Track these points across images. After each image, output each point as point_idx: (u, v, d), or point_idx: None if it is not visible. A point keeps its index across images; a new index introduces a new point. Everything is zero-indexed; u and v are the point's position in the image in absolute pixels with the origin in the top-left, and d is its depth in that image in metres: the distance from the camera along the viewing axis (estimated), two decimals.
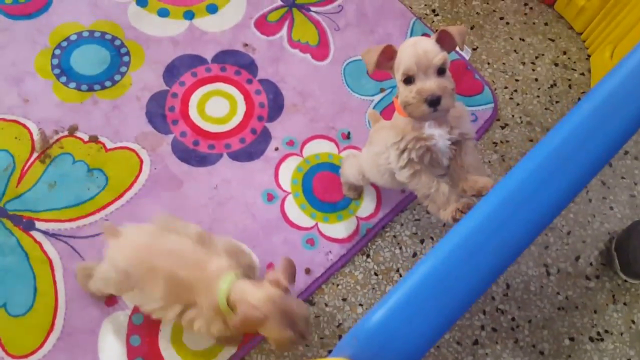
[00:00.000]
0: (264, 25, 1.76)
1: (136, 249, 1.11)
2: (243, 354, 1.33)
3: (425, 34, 1.78)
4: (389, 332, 0.57)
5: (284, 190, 1.51)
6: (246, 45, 1.71)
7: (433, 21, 1.86)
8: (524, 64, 1.81)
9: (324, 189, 1.51)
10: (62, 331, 1.31)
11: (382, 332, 0.56)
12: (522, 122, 1.70)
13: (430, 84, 0.97)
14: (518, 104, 1.73)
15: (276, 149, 1.57)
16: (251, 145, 1.56)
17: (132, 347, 1.30)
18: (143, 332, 1.32)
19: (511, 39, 1.86)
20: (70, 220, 1.42)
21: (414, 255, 1.48)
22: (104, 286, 1.19)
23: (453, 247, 0.68)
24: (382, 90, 1.67)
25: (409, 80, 0.99)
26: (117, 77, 1.61)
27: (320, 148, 1.57)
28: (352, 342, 0.64)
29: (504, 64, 1.81)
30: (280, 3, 1.81)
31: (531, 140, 1.67)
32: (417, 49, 0.97)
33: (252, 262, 1.16)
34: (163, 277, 1.07)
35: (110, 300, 1.34)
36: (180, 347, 1.31)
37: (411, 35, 1.79)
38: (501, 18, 1.91)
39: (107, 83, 1.60)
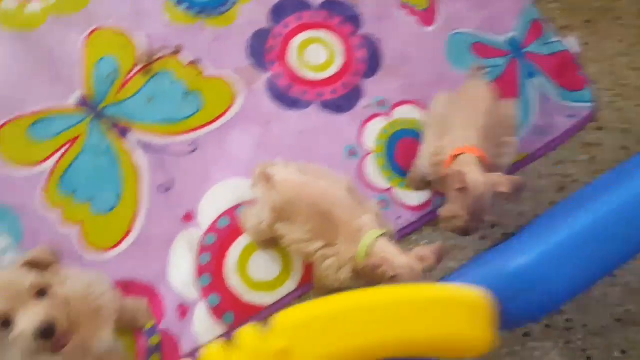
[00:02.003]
0: None
1: (296, 185, 1.18)
2: (301, 294, 1.38)
3: (534, 21, 1.73)
4: (539, 273, 0.59)
5: (366, 149, 1.52)
6: None
7: (549, 8, 1.79)
8: (633, 69, 1.74)
9: (405, 155, 1.51)
10: (138, 236, 1.37)
11: (533, 272, 0.58)
12: (619, 128, 1.64)
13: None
14: (619, 109, 1.67)
15: (366, 106, 1.57)
16: (342, 98, 1.57)
17: (201, 264, 1.36)
18: (213, 252, 1.37)
19: (624, 41, 1.78)
20: (161, 135, 1.48)
21: (483, 238, 1.48)
22: (255, 229, 1.26)
23: (613, 208, 0.69)
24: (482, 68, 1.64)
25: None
26: (226, 7, 1.64)
27: (410, 114, 1.57)
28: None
29: (611, 65, 1.74)
30: None
31: (625, 149, 1.61)
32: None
33: (392, 230, 1.19)
34: (318, 213, 1.13)
35: (187, 217, 1.40)
36: (244, 274, 1.37)
37: (521, 19, 1.74)
38: (618, 18, 1.82)
39: (216, 11, 1.63)
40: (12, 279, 0.87)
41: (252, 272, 1.37)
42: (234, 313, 1.34)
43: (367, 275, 1.10)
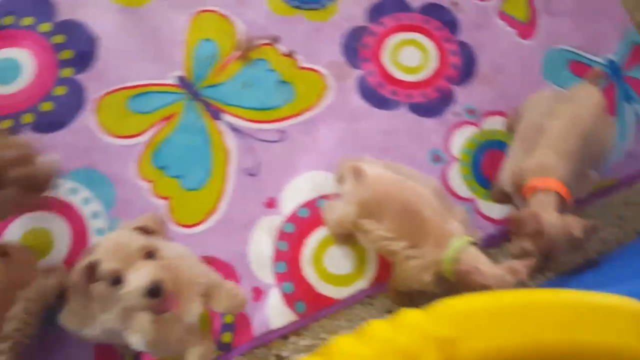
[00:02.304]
0: None
1: (387, 182, 1.20)
2: (372, 293, 1.38)
3: (636, 45, 1.67)
4: None
5: (452, 156, 1.51)
6: (455, 4, 1.70)
7: None
8: None
9: (492, 166, 1.49)
10: (223, 216, 1.41)
11: None
12: None
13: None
14: None
15: (455, 113, 1.56)
16: (431, 102, 1.57)
17: (279, 250, 1.38)
18: (291, 241, 1.39)
19: None
20: (252, 121, 1.51)
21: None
22: (338, 222, 1.28)
23: None
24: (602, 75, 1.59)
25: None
26: (325, 2, 1.66)
27: (499, 125, 1.55)
28: None
29: None
30: None
31: None
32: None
33: (479, 239, 1.19)
34: (408, 212, 1.14)
35: (269, 203, 1.42)
36: (318, 265, 1.38)
37: (623, 42, 1.68)
38: None
39: (316, 5, 1.65)
40: (124, 240, 0.93)
41: (327, 265, 1.39)
42: (306, 303, 1.35)
43: (451, 281, 1.09)
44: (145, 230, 1.00)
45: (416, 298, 1.31)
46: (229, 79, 1.55)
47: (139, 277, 0.89)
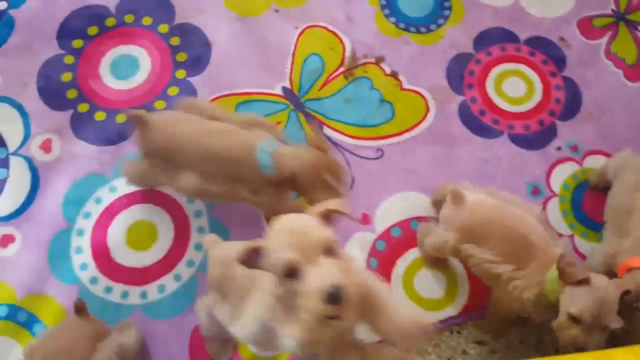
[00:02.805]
0: (587, 27, 1.71)
1: (490, 207, 1.20)
2: (461, 321, 1.37)
3: None
4: None
5: (552, 191, 1.49)
6: (562, 39, 1.68)
7: None
8: None
9: (594, 206, 1.46)
10: None
11: None
12: None
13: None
14: None
15: (558, 148, 1.54)
16: (533, 135, 1.56)
17: (370, 267, 1.39)
18: (382, 259, 1.40)
19: None
20: (351, 136, 1.53)
21: None
22: (437, 247, 1.28)
23: None
24: None
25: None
26: (432, 27, 1.68)
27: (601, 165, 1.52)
28: None
29: None
30: (610, 12, 1.74)
31: None
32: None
33: None
34: (514, 237, 1.15)
35: (364, 219, 1.43)
36: (409, 287, 1.38)
37: None
38: None
39: (422, 29, 1.67)
40: (304, 228, 0.80)
41: (417, 287, 1.39)
42: None
43: (551, 304, 1.08)
44: (326, 218, 0.86)
45: (511, 325, 1.30)
46: (332, 94, 1.58)
47: (320, 277, 0.76)
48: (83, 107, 1.50)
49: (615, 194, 1.31)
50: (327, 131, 1.53)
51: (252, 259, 0.82)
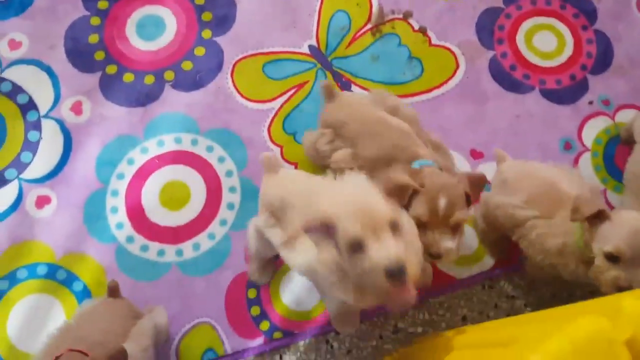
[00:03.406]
0: None
1: (525, 165, 1.22)
2: (493, 276, 1.37)
3: None
4: None
5: (584, 145, 1.48)
6: None
7: None
8: None
9: (625, 160, 1.44)
10: None
11: None
12: None
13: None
14: None
15: (590, 102, 1.52)
16: (565, 90, 1.53)
17: None
18: None
19: None
20: None
21: None
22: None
23: None
24: None
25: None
26: None
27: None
28: None
29: None
30: None
31: None
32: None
33: None
34: (542, 185, 1.14)
35: None
36: None
37: None
38: None
39: None
40: (369, 204, 0.81)
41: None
42: None
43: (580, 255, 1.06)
44: (391, 194, 0.87)
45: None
46: (359, 51, 1.56)
47: (383, 252, 0.77)
48: (111, 69, 1.50)
49: (637, 157, 1.29)
50: (355, 89, 1.51)
51: (318, 229, 0.84)
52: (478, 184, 1.07)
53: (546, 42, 1.58)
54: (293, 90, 1.51)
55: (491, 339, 0.71)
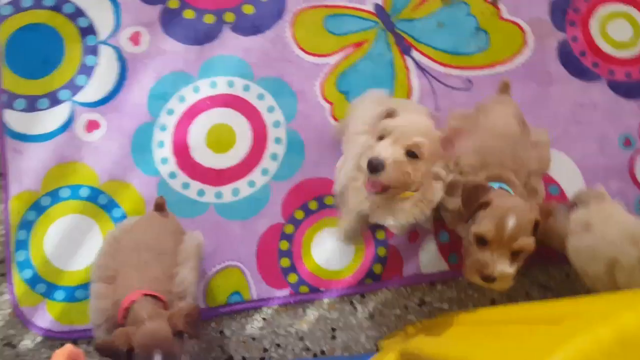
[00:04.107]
0: None
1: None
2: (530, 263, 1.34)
3: None
4: None
5: None
6: None
7: None
8: None
9: None
10: None
11: None
12: None
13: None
14: None
15: None
16: (634, 84, 1.47)
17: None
18: None
19: None
20: (441, 63, 1.48)
21: None
22: None
23: None
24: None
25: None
26: None
27: None
28: None
29: None
30: None
31: None
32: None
33: None
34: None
35: None
36: None
37: None
38: None
39: None
40: (422, 131, 1.00)
41: None
42: (459, 255, 1.35)
43: None
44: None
45: None
46: (425, 15, 1.51)
47: (380, 149, 0.96)
48: (173, 4, 1.49)
49: None
50: (416, 55, 1.47)
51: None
52: (548, 214, 1.02)
53: (621, 31, 1.50)
54: (351, 48, 1.48)
55: (531, 317, 0.69)
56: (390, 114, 1.02)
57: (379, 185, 0.98)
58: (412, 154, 0.97)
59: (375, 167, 0.95)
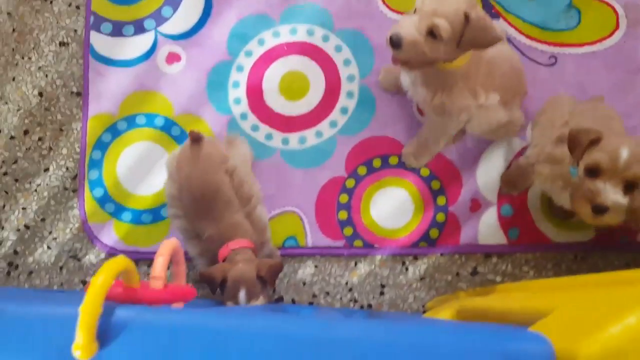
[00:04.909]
0: None
1: None
2: (588, 248, 1.32)
3: None
4: None
5: None
6: None
7: None
8: None
9: None
10: None
11: None
12: None
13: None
14: None
15: None
16: None
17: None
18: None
19: None
20: (527, 36, 1.45)
21: None
22: None
23: None
24: None
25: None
26: None
27: None
28: None
29: None
30: None
31: None
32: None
33: None
34: None
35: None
36: (546, 201, 1.33)
37: None
38: None
39: None
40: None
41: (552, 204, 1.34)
42: (520, 231, 1.34)
43: None
44: None
45: None
46: None
47: (399, 26, 1.02)
48: None
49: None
50: (502, 24, 1.43)
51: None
52: None
53: None
54: None
55: (603, 281, 0.68)
56: None
57: (398, 61, 1.07)
58: (432, 34, 1.01)
59: (394, 43, 1.01)
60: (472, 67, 1.13)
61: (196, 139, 1.18)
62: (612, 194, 0.93)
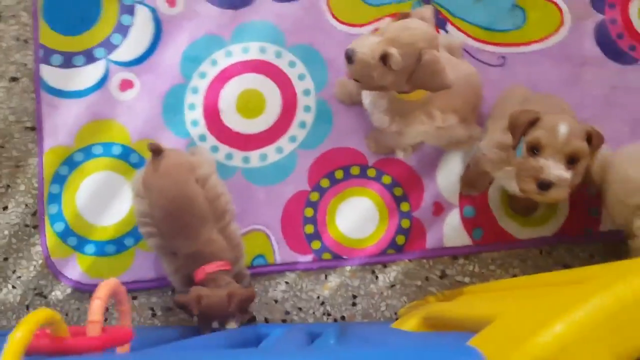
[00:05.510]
0: None
1: None
2: (553, 242, 1.35)
3: None
4: None
5: None
6: None
7: None
8: None
9: None
10: None
11: None
12: None
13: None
14: None
15: None
16: None
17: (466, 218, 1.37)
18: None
19: None
20: (475, 39, 1.47)
21: None
22: None
23: None
24: None
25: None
26: None
27: None
28: None
29: None
30: None
31: None
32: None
33: None
34: None
35: None
36: (506, 200, 1.36)
37: None
38: None
39: None
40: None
41: (512, 202, 1.36)
42: (484, 231, 1.36)
43: None
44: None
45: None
46: None
47: (359, 41, 1.04)
48: None
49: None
50: (451, 29, 1.46)
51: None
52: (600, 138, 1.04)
53: None
54: (386, 20, 1.47)
55: (557, 280, 0.70)
56: (405, 15, 1.05)
57: (351, 76, 1.07)
58: (384, 61, 1.00)
59: (347, 57, 1.02)
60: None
61: (156, 150, 1.16)
62: (555, 169, 0.96)
